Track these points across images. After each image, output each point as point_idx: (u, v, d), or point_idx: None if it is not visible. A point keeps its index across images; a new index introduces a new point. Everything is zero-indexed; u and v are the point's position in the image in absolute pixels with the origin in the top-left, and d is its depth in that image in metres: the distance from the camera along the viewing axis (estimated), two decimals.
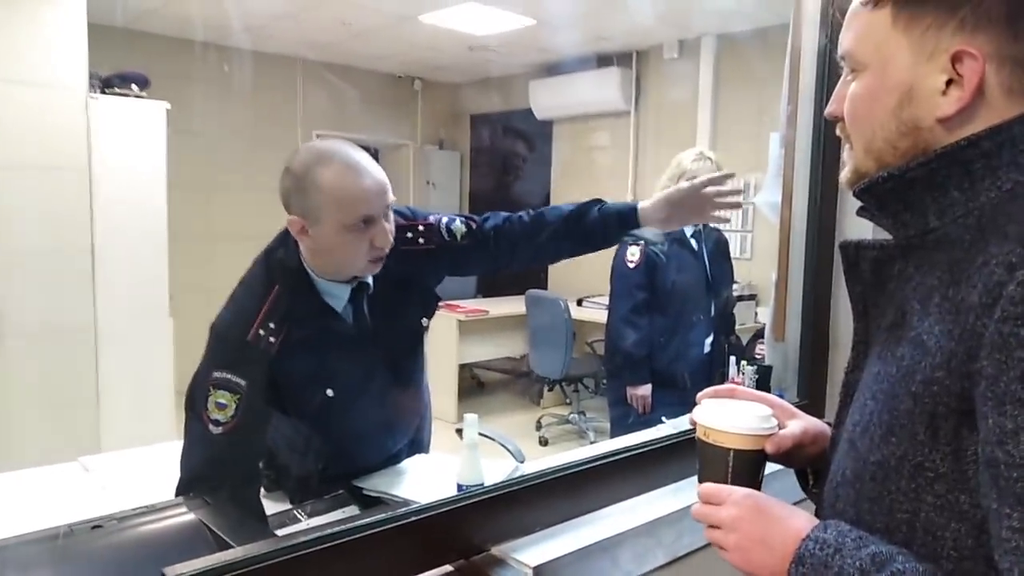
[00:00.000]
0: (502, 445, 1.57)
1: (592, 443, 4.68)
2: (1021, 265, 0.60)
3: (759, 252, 5.25)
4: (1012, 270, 0.60)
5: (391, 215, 1.35)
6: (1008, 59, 0.66)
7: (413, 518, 1.04)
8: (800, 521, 0.73)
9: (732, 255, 3.22)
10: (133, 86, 3.74)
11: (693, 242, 2.90)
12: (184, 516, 1.11)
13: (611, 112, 6.14)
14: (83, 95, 3.47)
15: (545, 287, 6.09)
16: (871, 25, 0.72)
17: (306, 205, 1.29)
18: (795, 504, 0.80)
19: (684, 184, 1.54)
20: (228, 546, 1.01)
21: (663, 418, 1.78)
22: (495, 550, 1.12)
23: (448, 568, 1.08)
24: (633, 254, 2.87)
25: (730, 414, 0.81)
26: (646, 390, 2.90)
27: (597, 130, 6.41)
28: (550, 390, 5.49)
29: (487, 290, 6.37)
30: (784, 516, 0.74)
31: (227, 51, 5.82)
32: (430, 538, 1.07)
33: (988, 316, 0.61)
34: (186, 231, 4.73)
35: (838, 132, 0.79)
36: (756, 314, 4.80)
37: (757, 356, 1.83)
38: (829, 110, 0.79)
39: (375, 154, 8.34)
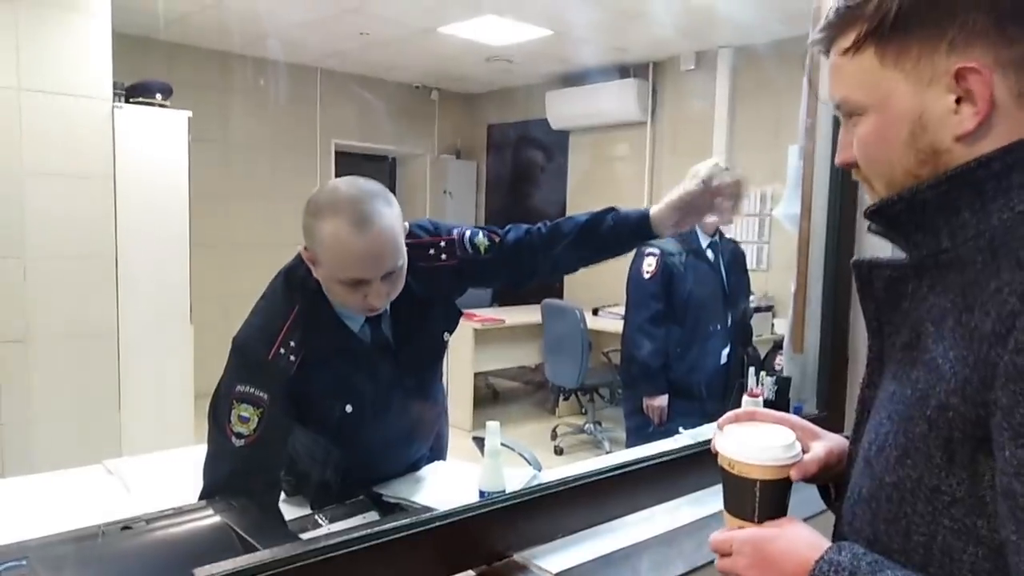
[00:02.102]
0: (519, 454, 1.59)
1: (608, 453, 4.67)
2: None
3: (776, 263, 5.24)
4: None
5: (399, 270, 1.31)
6: (1009, 64, 0.66)
7: (438, 523, 1.06)
8: (805, 551, 0.72)
9: (749, 266, 3.21)
10: (157, 95, 3.79)
11: (710, 253, 2.90)
12: (210, 519, 1.13)
13: (628, 123, 6.16)
14: (108, 104, 3.52)
15: (561, 296, 6.10)
16: (859, 70, 0.72)
17: (312, 245, 1.29)
18: (817, 515, 0.80)
19: (690, 186, 1.47)
20: (253, 548, 1.02)
21: (680, 428, 1.78)
22: (517, 556, 1.14)
23: (471, 573, 1.09)
24: (649, 264, 2.88)
25: (754, 444, 0.79)
26: (662, 400, 2.89)
27: (613, 141, 6.43)
28: (566, 399, 5.49)
29: (503, 299, 6.38)
30: (788, 549, 0.74)
31: (248, 61, 5.91)
32: (454, 543, 1.08)
33: (1002, 346, 0.61)
34: (207, 238, 4.77)
35: (855, 177, 0.78)
36: (773, 325, 4.79)
37: (776, 367, 1.83)
38: (840, 159, 0.77)
39: (392, 164, 8.27)
